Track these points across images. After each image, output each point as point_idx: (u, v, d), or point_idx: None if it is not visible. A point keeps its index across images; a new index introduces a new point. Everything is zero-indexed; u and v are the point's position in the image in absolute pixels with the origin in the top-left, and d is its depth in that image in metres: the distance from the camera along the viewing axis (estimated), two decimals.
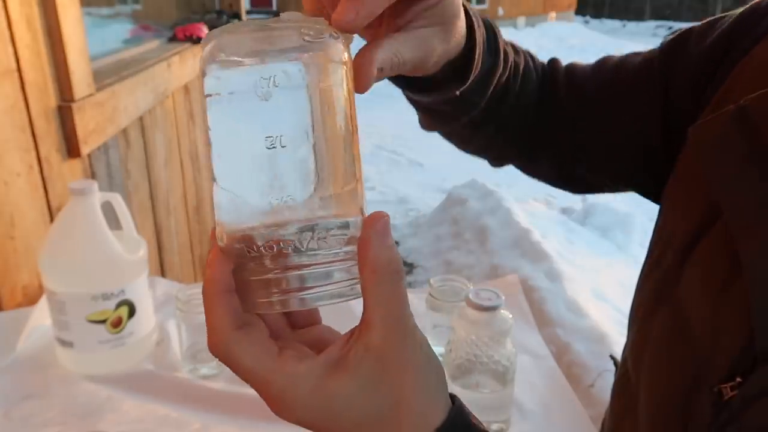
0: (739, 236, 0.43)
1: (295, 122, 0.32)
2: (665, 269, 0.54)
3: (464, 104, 0.57)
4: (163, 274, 1.75)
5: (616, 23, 23.70)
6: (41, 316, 0.92)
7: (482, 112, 0.60)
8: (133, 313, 0.86)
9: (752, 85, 0.48)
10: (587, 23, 23.03)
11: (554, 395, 0.84)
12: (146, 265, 0.89)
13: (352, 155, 0.34)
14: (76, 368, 0.86)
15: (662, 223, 0.58)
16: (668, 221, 0.57)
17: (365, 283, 0.33)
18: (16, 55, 0.99)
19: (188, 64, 2.02)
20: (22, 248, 0.99)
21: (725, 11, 0.59)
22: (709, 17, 0.60)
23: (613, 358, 0.64)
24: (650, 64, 0.62)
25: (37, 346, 0.90)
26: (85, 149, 1.18)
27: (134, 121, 1.52)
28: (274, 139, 0.31)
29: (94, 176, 1.27)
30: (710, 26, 0.58)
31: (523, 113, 0.65)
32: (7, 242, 0.96)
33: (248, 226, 0.33)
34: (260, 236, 0.32)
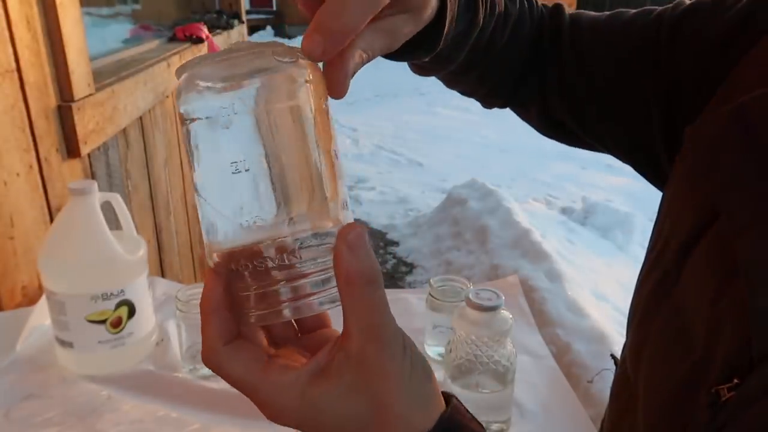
0: (736, 236, 0.43)
1: (252, 146, 0.34)
2: (664, 269, 0.54)
3: (441, 61, 0.55)
4: (162, 274, 1.75)
5: None
6: (41, 316, 0.92)
7: (463, 63, 0.58)
8: (132, 313, 0.86)
9: (756, 80, 0.47)
10: None
11: (554, 395, 0.84)
12: (146, 265, 0.89)
13: (319, 173, 0.34)
14: (75, 368, 0.86)
15: (662, 222, 0.58)
16: (668, 220, 0.56)
17: (341, 294, 0.34)
18: (15, 55, 0.99)
19: None
20: (21, 248, 0.99)
21: None
22: None
23: (613, 357, 0.63)
24: (658, 30, 0.59)
25: (36, 346, 0.90)
26: (84, 149, 1.18)
27: (134, 121, 1.51)
28: (238, 163, 0.33)
29: (93, 176, 1.27)
30: (721, 2, 0.55)
31: (509, 63, 0.63)
32: (6, 242, 0.96)
33: (231, 245, 0.35)
34: (242, 254, 0.35)
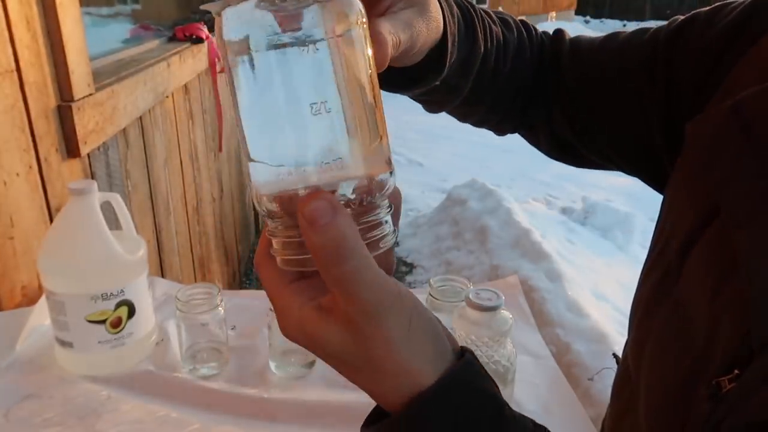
0: (735, 229, 0.43)
1: (328, 82, 0.31)
2: (666, 266, 0.54)
3: (450, 91, 0.58)
4: (162, 274, 1.75)
5: (616, 23, 23.69)
6: (40, 316, 0.92)
7: (471, 92, 0.60)
8: (132, 313, 0.86)
9: (756, 78, 0.47)
10: (587, 23, 23.01)
11: (554, 395, 0.84)
12: (146, 265, 0.89)
13: (374, 111, 0.34)
14: (75, 368, 0.86)
15: (663, 220, 0.58)
16: (669, 218, 0.57)
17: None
18: (15, 55, 0.99)
19: (188, 64, 2.02)
20: (21, 248, 0.99)
21: None
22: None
23: (615, 356, 0.64)
24: (654, 47, 0.60)
25: (36, 346, 0.90)
26: (84, 149, 1.18)
27: (134, 121, 1.51)
28: (318, 105, 0.31)
29: (93, 176, 1.27)
30: (718, 11, 0.57)
31: (515, 90, 0.65)
32: (6, 242, 0.96)
33: (282, 189, 0.33)
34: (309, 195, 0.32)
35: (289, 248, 0.34)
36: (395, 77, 0.52)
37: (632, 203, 3.82)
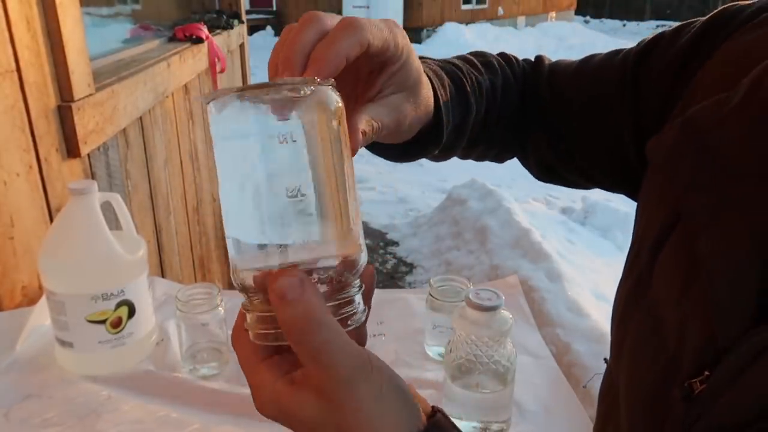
0: (696, 235, 0.45)
1: (302, 169, 0.34)
2: (639, 271, 0.55)
3: (448, 149, 0.64)
4: (162, 274, 1.75)
5: (616, 23, 23.69)
6: (41, 316, 0.92)
7: (468, 143, 0.66)
8: (132, 313, 0.86)
9: (705, 94, 0.50)
10: (587, 23, 23.01)
11: (554, 395, 0.84)
12: (146, 265, 0.89)
13: (346, 199, 0.36)
14: (75, 368, 0.86)
15: (637, 226, 0.60)
16: (641, 224, 0.58)
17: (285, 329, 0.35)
18: (15, 55, 0.99)
19: (188, 64, 2.02)
20: (21, 248, 0.99)
21: None
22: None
23: (606, 360, 0.65)
24: (624, 68, 0.63)
25: (36, 346, 0.90)
26: (84, 149, 1.18)
27: (134, 121, 1.51)
28: (293, 189, 0.34)
29: (93, 176, 1.27)
30: (679, 32, 0.60)
31: (505, 126, 0.69)
32: (6, 242, 0.96)
33: (258, 266, 0.36)
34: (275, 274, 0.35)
35: (262, 323, 0.37)
36: (398, 151, 0.57)
37: (632, 203, 3.80)
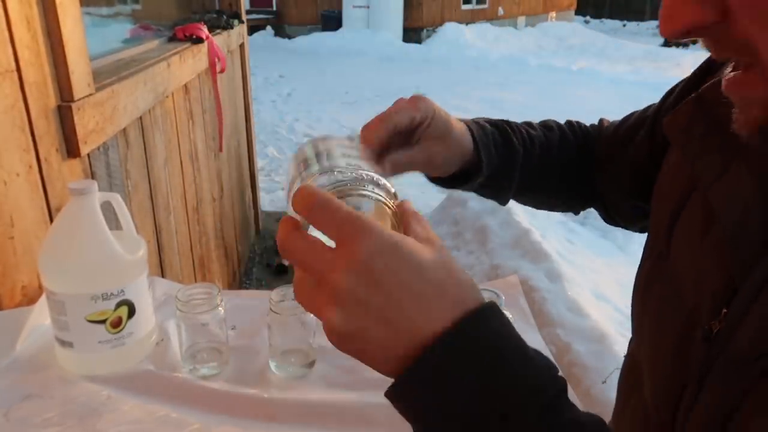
0: (708, 188, 0.51)
1: None
2: (659, 250, 0.61)
3: (500, 185, 0.75)
4: (162, 274, 1.75)
5: (616, 23, 23.68)
6: (41, 316, 0.92)
7: (529, 183, 0.76)
8: (132, 313, 0.86)
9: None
10: (587, 23, 23.00)
11: None
12: (146, 265, 0.89)
13: None
14: (75, 368, 0.86)
15: (653, 216, 0.65)
16: (657, 211, 0.64)
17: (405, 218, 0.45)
18: (15, 55, 0.99)
19: (188, 63, 2.02)
20: (21, 248, 0.99)
21: None
22: None
23: (605, 381, 0.71)
24: (647, 116, 0.75)
25: (36, 346, 0.90)
26: (84, 149, 1.18)
27: (134, 121, 1.51)
28: None
29: (93, 176, 1.27)
30: (687, 79, 0.69)
31: (566, 178, 0.80)
32: (6, 242, 0.96)
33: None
34: None
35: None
36: (447, 181, 0.72)
37: None
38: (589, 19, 24.12)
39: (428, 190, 4.53)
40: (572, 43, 15.08)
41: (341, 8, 14.66)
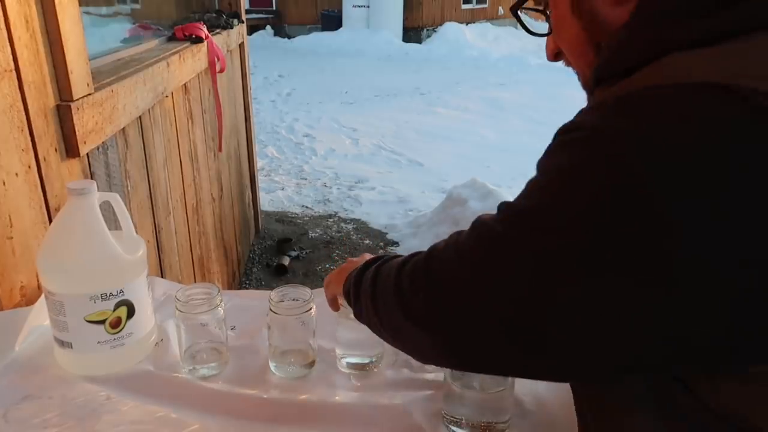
0: None
1: None
2: None
3: None
4: (162, 274, 1.75)
5: None
6: (39, 316, 0.92)
7: None
8: (132, 313, 0.86)
9: None
10: None
11: (554, 395, 0.84)
12: (145, 265, 0.89)
13: None
14: (74, 369, 0.86)
15: None
16: None
17: None
18: (14, 54, 0.98)
19: (187, 63, 2.02)
20: (20, 248, 0.99)
21: None
22: None
23: None
24: None
25: (35, 346, 0.90)
26: (83, 149, 1.18)
27: (133, 120, 1.51)
28: None
29: (92, 176, 1.27)
30: None
31: None
32: (5, 242, 0.96)
33: None
34: None
35: None
36: None
37: None
38: None
39: (428, 189, 4.53)
40: None
41: (341, 8, 14.66)
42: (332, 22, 14.80)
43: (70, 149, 1.14)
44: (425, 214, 3.91)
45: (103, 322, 0.83)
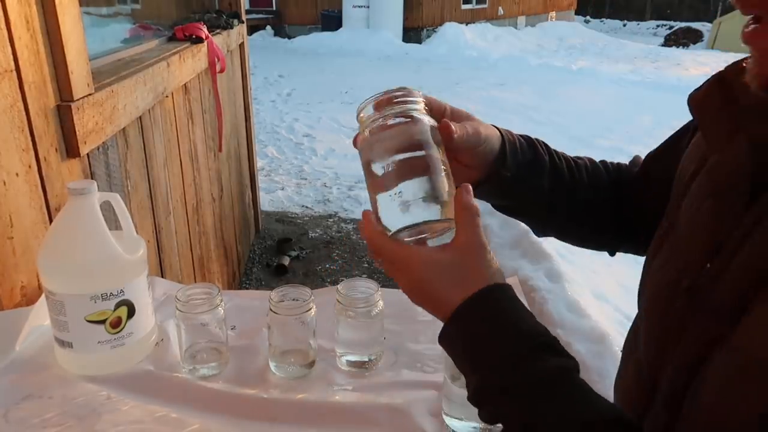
0: (713, 153, 0.57)
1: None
2: (668, 222, 0.65)
3: (535, 196, 0.75)
4: (162, 274, 1.75)
5: (616, 23, 23.69)
6: (40, 316, 0.92)
7: (555, 198, 0.76)
8: (132, 313, 0.86)
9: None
10: (587, 23, 23.01)
11: None
12: (146, 265, 0.89)
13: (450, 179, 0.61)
14: (75, 369, 0.86)
15: (672, 193, 0.67)
16: (675, 187, 0.67)
17: (457, 215, 0.58)
18: (14, 54, 0.99)
19: (187, 63, 2.02)
20: (20, 248, 0.99)
21: (725, 10, 0.64)
22: (710, 14, 0.65)
23: None
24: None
25: (36, 346, 0.90)
26: (84, 149, 1.18)
27: (133, 120, 1.51)
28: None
29: (93, 176, 1.27)
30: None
31: (596, 206, 0.80)
32: (5, 242, 0.96)
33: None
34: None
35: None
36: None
37: None
38: (589, 19, 24.12)
39: None
40: (572, 42, 15.08)
41: (341, 8, 14.66)
42: (332, 22, 14.80)
43: (70, 149, 1.14)
44: None
45: (103, 321, 0.83)
